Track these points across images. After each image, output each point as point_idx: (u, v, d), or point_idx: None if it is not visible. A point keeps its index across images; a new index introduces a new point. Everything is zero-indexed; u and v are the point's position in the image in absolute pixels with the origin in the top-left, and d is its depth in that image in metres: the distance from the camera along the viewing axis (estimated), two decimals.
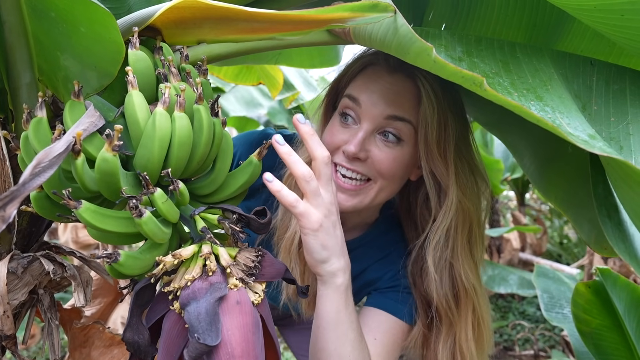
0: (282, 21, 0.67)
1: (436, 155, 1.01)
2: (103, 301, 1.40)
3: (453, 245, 1.06)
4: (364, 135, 0.99)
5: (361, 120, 1.01)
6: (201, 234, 0.65)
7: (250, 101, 4.15)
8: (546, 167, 1.23)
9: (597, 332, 1.47)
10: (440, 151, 1.01)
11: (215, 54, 0.88)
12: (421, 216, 1.15)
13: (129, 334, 0.64)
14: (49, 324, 0.88)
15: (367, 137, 1.00)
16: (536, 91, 0.70)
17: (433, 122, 0.99)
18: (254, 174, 0.77)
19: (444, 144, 1.01)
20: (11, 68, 0.73)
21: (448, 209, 1.04)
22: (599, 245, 1.15)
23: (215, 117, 0.72)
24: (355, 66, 1.08)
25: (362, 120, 1.01)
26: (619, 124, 0.73)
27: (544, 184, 1.27)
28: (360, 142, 0.99)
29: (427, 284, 1.08)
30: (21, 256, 0.81)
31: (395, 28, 0.68)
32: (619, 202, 0.83)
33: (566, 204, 1.24)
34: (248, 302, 0.62)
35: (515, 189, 5.24)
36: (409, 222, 1.20)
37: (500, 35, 1.01)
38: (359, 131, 1.00)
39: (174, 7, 0.66)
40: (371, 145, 1.01)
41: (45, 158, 0.55)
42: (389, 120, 1.00)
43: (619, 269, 3.02)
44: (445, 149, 1.02)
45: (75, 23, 0.64)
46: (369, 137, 1.01)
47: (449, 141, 1.02)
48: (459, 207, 1.04)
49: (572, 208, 1.23)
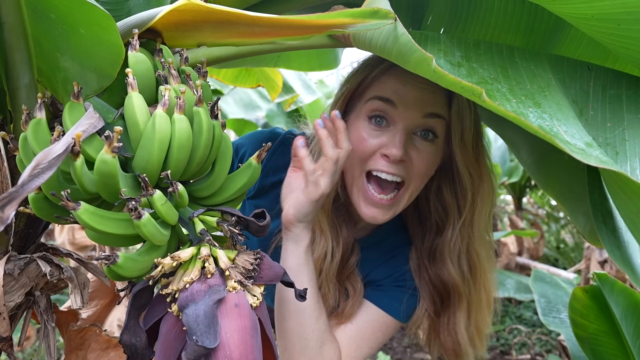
0: (283, 26, 0.67)
1: (471, 153, 1.05)
2: (99, 303, 1.40)
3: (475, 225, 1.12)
4: (403, 137, 0.99)
5: (396, 121, 1.01)
6: (200, 236, 0.65)
7: (248, 104, 4.15)
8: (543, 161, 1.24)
9: (594, 337, 1.47)
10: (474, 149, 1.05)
11: (214, 57, 0.88)
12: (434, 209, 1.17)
13: (126, 337, 0.64)
14: (45, 326, 0.87)
15: (406, 138, 1.00)
16: (534, 97, 0.70)
17: (471, 122, 1.02)
18: (253, 177, 0.77)
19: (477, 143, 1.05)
20: (10, 69, 0.73)
21: (485, 196, 1.09)
22: (593, 237, 1.16)
23: (215, 119, 0.72)
24: (378, 68, 1.06)
25: (398, 121, 1.00)
26: (615, 129, 0.74)
27: (542, 177, 1.29)
28: (402, 144, 0.99)
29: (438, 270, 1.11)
30: (18, 258, 0.80)
31: (396, 36, 0.68)
32: (615, 208, 0.83)
33: (563, 197, 1.25)
34: (246, 304, 0.62)
35: (512, 193, 5.25)
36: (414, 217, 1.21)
37: (499, 39, 1.02)
38: (397, 133, 0.99)
39: (175, 10, 0.66)
40: (409, 146, 1.02)
41: (44, 159, 0.55)
42: (426, 119, 1.01)
43: (615, 273, 3.02)
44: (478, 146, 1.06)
45: (75, 25, 0.64)
46: (407, 138, 1.01)
47: (480, 137, 1.06)
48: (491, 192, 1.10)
49: (568, 201, 1.23)
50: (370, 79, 1.06)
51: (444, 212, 1.15)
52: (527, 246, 4.96)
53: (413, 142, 1.02)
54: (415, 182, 1.04)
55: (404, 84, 1.01)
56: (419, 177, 1.04)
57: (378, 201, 1.02)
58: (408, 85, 1.00)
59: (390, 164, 1.00)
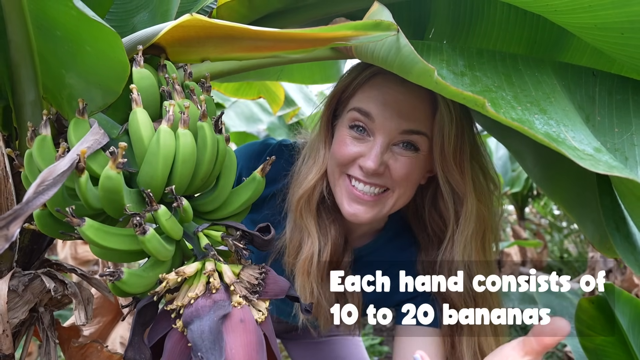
0: (285, 40, 0.67)
1: (452, 165, 1.00)
2: (102, 320, 1.39)
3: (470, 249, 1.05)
4: (380, 150, 0.97)
5: (375, 134, 0.98)
6: (204, 251, 0.65)
7: (250, 116, 4.17)
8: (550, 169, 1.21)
9: (601, 348, 1.45)
10: (456, 161, 1.00)
11: (218, 71, 0.89)
12: (430, 218, 1.13)
13: (131, 353, 0.64)
14: (47, 343, 0.87)
15: (384, 151, 0.98)
16: (540, 104, 0.69)
17: (451, 133, 0.98)
18: (258, 191, 0.77)
19: (460, 154, 1.00)
20: (16, 86, 0.73)
21: (469, 216, 1.03)
22: (603, 245, 1.14)
23: (219, 133, 0.72)
24: (362, 75, 1.03)
25: (377, 134, 0.98)
26: (623, 134, 0.73)
27: (549, 186, 1.26)
28: (379, 157, 0.96)
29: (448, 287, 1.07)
30: (22, 274, 0.80)
31: (398, 48, 0.68)
32: (627, 214, 0.82)
33: (571, 205, 1.22)
34: (252, 320, 0.62)
35: (514, 203, 5.24)
36: (418, 224, 1.19)
37: (502, 50, 1.01)
38: (375, 146, 0.97)
39: (179, 26, 0.66)
40: (388, 158, 0.99)
41: (50, 176, 0.55)
42: (404, 135, 0.98)
43: (620, 283, 3.00)
44: (461, 158, 1.00)
45: (81, 42, 0.64)
46: (385, 151, 0.98)
47: (464, 150, 1.00)
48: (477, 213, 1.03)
49: (576, 209, 1.21)
50: (354, 86, 1.04)
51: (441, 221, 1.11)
52: (531, 256, 4.93)
53: (392, 153, 1.00)
54: (399, 189, 1.01)
55: (384, 95, 0.98)
56: (401, 184, 1.01)
57: (361, 196, 1.00)
58: (388, 96, 0.98)
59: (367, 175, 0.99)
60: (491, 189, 1.09)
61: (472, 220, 1.03)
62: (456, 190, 1.03)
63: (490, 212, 1.08)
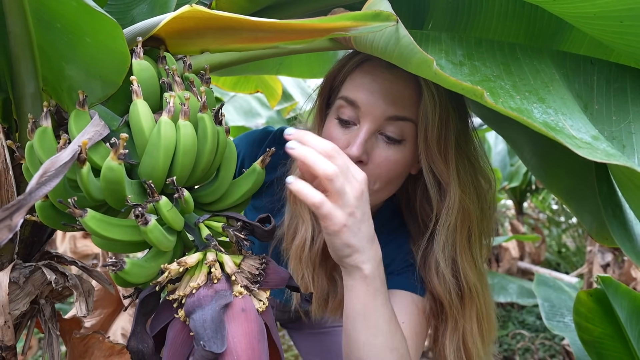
0: (285, 30, 0.68)
1: (435, 153, 0.98)
2: (103, 312, 1.39)
3: (454, 243, 1.03)
4: (365, 137, 0.96)
5: (361, 121, 0.98)
6: (206, 241, 0.65)
7: (248, 111, 4.16)
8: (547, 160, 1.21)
9: (599, 341, 1.46)
10: (440, 149, 0.98)
11: (217, 62, 0.89)
12: (421, 208, 1.11)
13: (133, 343, 0.64)
14: (49, 335, 0.87)
15: (369, 138, 0.97)
16: (538, 93, 0.70)
17: (434, 119, 0.95)
18: (258, 182, 0.77)
19: (444, 142, 0.98)
20: (16, 78, 0.73)
21: (451, 208, 1.00)
22: (600, 235, 1.14)
23: (219, 125, 0.72)
24: (350, 63, 1.03)
25: (362, 121, 0.97)
26: (620, 122, 0.73)
27: (546, 177, 1.26)
28: (362, 144, 0.95)
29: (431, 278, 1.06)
30: (23, 266, 0.80)
31: (397, 38, 0.69)
32: (624, 201, 0.83)
33: (568, 196, 1.23)
34: (253, 309, 0.62)
35: (513, 197, 5.25)
36: (409, 214, 1.18)
37: (500, 39, 1.01)
38: (360, 133, 0.96)
39: (178, 17, 0.66)
40: (373, 147, 0.98)
41: (52, 167, 0.55)
42: (390, 121, 0.97)
43: (618, 277, 3.02)
44: (445, 146, 0.98)
45: (81, 34, 0.64)
46: (370, 138, 0.97)
47: (449, 138, 0.98)
48: (460, 205, 1.00)
49: (574, 199, 1.21)
50: (343, 74, 1.04)
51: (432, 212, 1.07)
52: (529, 251, 4.95)
53: (377, 142, 0.98)
54: (381, 183, 1.00)
55: (369, 83, 0.98)
56: (381, 175, 0.99)
57: None
58: (374, 84, 0.97)
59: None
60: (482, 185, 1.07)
61: (453, 213, 1.00)
62: (440, 180, 1.01)
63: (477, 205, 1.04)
